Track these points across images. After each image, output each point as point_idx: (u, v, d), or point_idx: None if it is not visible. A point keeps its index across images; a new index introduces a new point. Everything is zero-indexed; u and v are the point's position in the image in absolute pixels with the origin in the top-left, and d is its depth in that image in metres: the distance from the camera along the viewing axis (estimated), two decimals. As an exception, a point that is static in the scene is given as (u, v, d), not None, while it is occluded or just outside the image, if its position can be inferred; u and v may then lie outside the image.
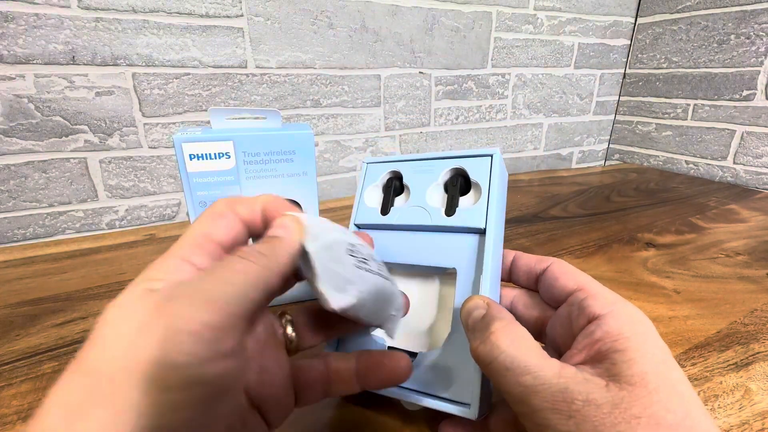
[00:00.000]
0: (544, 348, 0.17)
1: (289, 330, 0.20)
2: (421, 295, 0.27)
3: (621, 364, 0.15)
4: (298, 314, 0.21)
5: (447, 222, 0.24)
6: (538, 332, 0.22)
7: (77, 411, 0.11)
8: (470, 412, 0.20)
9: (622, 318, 0.17)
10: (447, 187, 0.26)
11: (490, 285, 0.22)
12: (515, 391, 0.16)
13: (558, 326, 0.20)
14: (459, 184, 0.25)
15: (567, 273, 0.21)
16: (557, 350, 0.20)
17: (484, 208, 0.24)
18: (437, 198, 0.26)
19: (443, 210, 0.25)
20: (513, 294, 0.24)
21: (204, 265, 0.16)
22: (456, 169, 0.26)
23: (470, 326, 0.19)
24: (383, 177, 0.29)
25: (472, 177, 0.25)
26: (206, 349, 0.13)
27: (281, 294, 0.19)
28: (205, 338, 0.13)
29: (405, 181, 0.27)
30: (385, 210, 0.27)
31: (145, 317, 0.13)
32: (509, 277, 0.24)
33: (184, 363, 0.12)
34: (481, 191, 0.24)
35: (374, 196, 0.29)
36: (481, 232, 0.24)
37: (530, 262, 0.23)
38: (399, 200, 0.28)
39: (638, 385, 0.14)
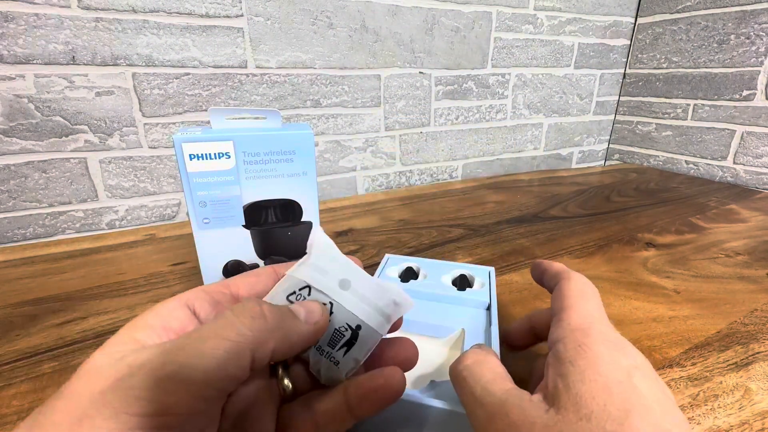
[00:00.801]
0: None
1: (286, 381, 0.18)
2: (432, 349, 0.30)
3: (560, 389, 0.15)
4: (295, 359, 0.20)
5: (459, 295, 0.32)
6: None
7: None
8: None
9: (569, 341, 0.17)
10: (455, 281, 0.34)
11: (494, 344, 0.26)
12: (468, 401, 0.17)
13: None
14: (466, 279, 0.34)
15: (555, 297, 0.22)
16: None
17: (487, 290, 0.32)
18: (448, 284, 0.33)
19: (456, 288, 0.33)
20: None
21: (201, 314, 0.17)
22: (462, 274, 0.35)
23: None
24: (401, 266, 0.36)
25: (477, 277, 0.34)
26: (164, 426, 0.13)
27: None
28: (162, 422, 0.13)
29: (421, 270, 0.35)
30: (405, 280, 0.34)
31: (109, 381, 0.13)
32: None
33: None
34: (483, 284, 0.33)
35: (393, 273, 0.35)
36: (487, 308, 0.31)
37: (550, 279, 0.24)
38: (414, 282, 0.34)
39: (570, 411, 0.14)
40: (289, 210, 0.36)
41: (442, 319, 0.30)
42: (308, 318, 0.17)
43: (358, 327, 0.18)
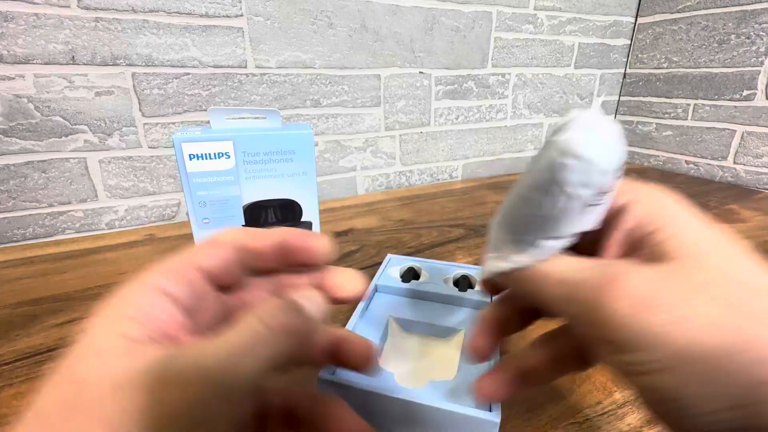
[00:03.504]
0: None
1: None
2: (433, 349, 0.30)
3: (659, 244, 0.13)
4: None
5: (461, 295, 0.31)
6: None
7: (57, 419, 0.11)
8: (494, 415, 0.21)
9: (649, 199, 0.15)
10: (457, 282, 0.33)
11: None
12: (558, 291, 0.14)
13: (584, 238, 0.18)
14: (468, 280, 0.33)
15: None
16: None
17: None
18: (450, 285, 0.33)
19: (457, 289, 0.32)
20: None
21: (181, 297, 0.14)
22: (463, 274, 0.34)
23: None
24: (403, 266, 0.35)
25: (479, 279, 0.33)
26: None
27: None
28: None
29: (423, 271, 0.35)
30: (406, 280, 0.33)
31: (125, 388, 0.11)
32: None
33: None
34: None
35: (395, 272, 0.35)
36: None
37: None
38: (416, 283, 0.34)
39: (686, 257, 0.12)
40: (289, 210, 0.36)
41: (443, 319, 0.30)
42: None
43: None
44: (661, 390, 0.12)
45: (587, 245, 0.18)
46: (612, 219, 0.15)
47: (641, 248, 0.14)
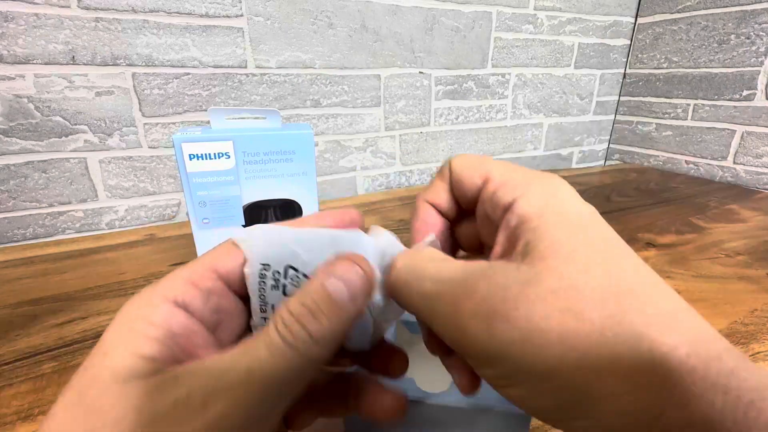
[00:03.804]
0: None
1: None
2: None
3: (532, 242, 0.12)
4: None
5: None
6: (477, 249, 0.19)
7: None
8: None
9: (535, 196, 0.14)
10: None
11: None
12: (421, 305, 0.14)
13: (483, 232, 0.17)
14: None
15: (469, 167, 0.17)
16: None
17: None
18: None
19: None
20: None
21: (200, 309, 0.13)
22: None
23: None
24: None
25: None
26: None
27: None
28: None
29: None
30: None
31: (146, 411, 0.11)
32: (457, 210, 0.19)
33: None
34: None
35: None
36: None
37: (437, 191, 0.18)
38: None
39: (550, 257, 0.12)
40: (289, 210, 0.36)
41: None
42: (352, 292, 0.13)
43: None
44: (521, 401, 0.12)
45: (475, 243, 0.18)
46: (502, 216, 0.15)
47: (517, 245, 0.13)
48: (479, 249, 0.19)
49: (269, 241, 0.15)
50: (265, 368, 0.11)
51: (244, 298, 0.15)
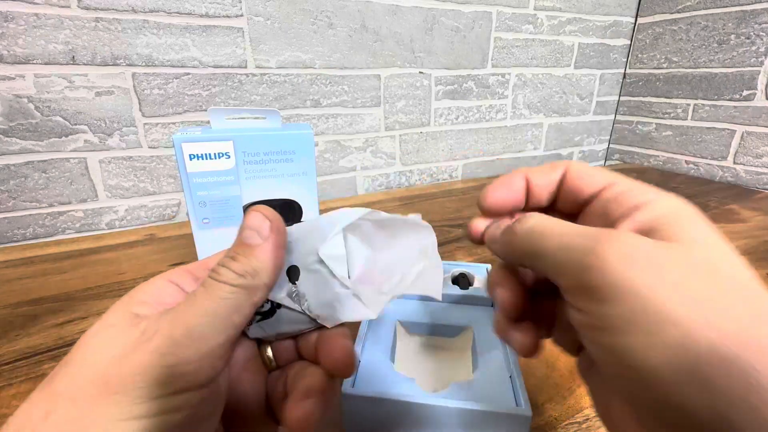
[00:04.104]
0: None
1: (269, 352, 0.19)
2: (442, 348, 0.30)
3: (665, 232, 0.13)
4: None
5: (463, 293, 0.31)
6: None
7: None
8: (525, 410, 0.21)
9: (664, 205, 0.14)
10: (456, 280, 0.34)
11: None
12: (556, 254, 0.14)
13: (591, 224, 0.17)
14: (466, 278, 0.34)
15: (590, 172, 0.18)
16: None
17: None
18: (449, 284, 0.33)
19: (458, 287, 0.32)
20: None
21: (190, 289, 0.16)
22: (461, 272, 0.34)
23: (500, 237, 0.17)
24: None
25: (477, 275, 0.34)
26: (184, 381, 0.14)
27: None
28: (183, 371, 0.13)
29: None
30: None
31: (128, 346, 0.14)
32: (526, 202, 0.20)
33: (161, 393, 0.13)
34: (483, 282, 0.33)
35: None
36: (492, 305, 0.31)
37: (546, 175, 0.19)
38: None
39: (688, 244, 0.12)
40: (289, 210, 0.35)
41: (448, 318, 0.30)
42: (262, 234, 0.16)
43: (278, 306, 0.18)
44: (617, 352, 0.12)
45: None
46: (628, 213, 0.15)
47: (648, 234, 0.14)
48: None
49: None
50: (200, 300, 0.15)
51: None
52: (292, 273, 0.18)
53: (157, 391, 0.13)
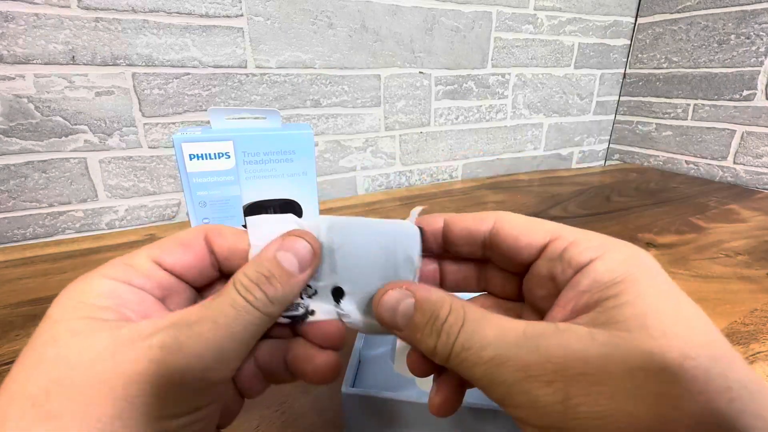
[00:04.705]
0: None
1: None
2: None
3: (611, 310, 0.12)
4: None
5: (463, 293, 0.30)
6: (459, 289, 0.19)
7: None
8: None
9: (615, 260, 0.13)
10: None
11: None
12: (480, 372, 0.13)
13: (536, 289, 0.16)
14: None
15: (526, 226, 0.16)
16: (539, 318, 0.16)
17: None
18: None
19: None
20: (447, 270, 0.19)
21: (140, 283, 0.15)
22: None
23: (402, 324, 0.15)
24: None
25: None
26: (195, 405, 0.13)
27: None
28: (200, 387, 0.13)
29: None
30: None
31: (130, 359, 0.12)
32: (441, 249, 0.18)
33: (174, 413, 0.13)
34: None
35: None
36: None
37: (468, 224, 0.17)
38: None
39: (636, 331, 0.11)
40: (289, 210, 0.35)
41: None
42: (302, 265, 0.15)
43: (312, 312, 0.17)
44: None
45: (538, 300, 0.16)
46: (571, 276, 0.14)
47: (590, 310, 0.13)
48: (459, 289, 0.19)
49: (270, 230, 0.17)
50: (230, 321, 0.13)
51: (191, 284, 0.17)
52: (337, 293, 0.17)
53: (170, 410, 0.13)
